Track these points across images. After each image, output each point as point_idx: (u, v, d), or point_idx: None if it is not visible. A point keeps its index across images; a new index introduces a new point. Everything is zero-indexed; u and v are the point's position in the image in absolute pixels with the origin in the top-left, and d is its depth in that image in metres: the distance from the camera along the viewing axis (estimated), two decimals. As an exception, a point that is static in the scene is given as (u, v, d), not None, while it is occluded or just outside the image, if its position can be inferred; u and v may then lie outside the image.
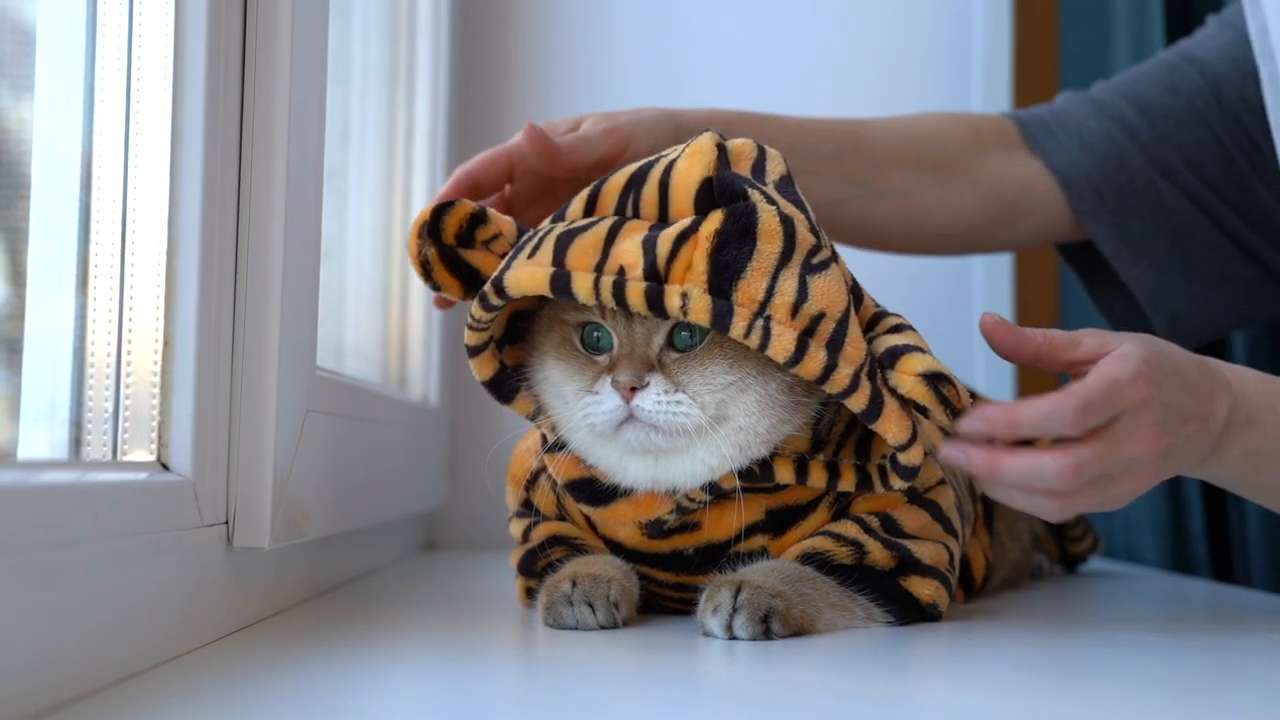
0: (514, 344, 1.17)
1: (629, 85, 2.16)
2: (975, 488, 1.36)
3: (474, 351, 1.14)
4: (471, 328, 1.12)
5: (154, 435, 0.98)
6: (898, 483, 1.10)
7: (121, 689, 0.82)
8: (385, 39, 1.86)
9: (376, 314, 1.79)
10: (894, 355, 1.05)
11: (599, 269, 1.04)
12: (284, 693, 0.85)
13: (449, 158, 1.99)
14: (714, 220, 1.03)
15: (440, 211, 1.13)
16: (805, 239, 1.05)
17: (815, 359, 1.02)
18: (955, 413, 1.03)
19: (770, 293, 1.02)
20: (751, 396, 1.07)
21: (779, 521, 1.14)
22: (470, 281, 1.15)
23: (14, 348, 0.94)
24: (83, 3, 0.99)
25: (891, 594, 1.13)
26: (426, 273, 1.14)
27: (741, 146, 1.11)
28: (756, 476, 1.10)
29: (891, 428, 1.05)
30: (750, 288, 1.02)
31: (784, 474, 1.10)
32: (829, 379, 1.03)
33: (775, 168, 1.12)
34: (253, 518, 1.06)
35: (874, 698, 0.88)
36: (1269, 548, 1.90)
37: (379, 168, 1.82)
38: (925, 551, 1.14)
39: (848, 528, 1.13)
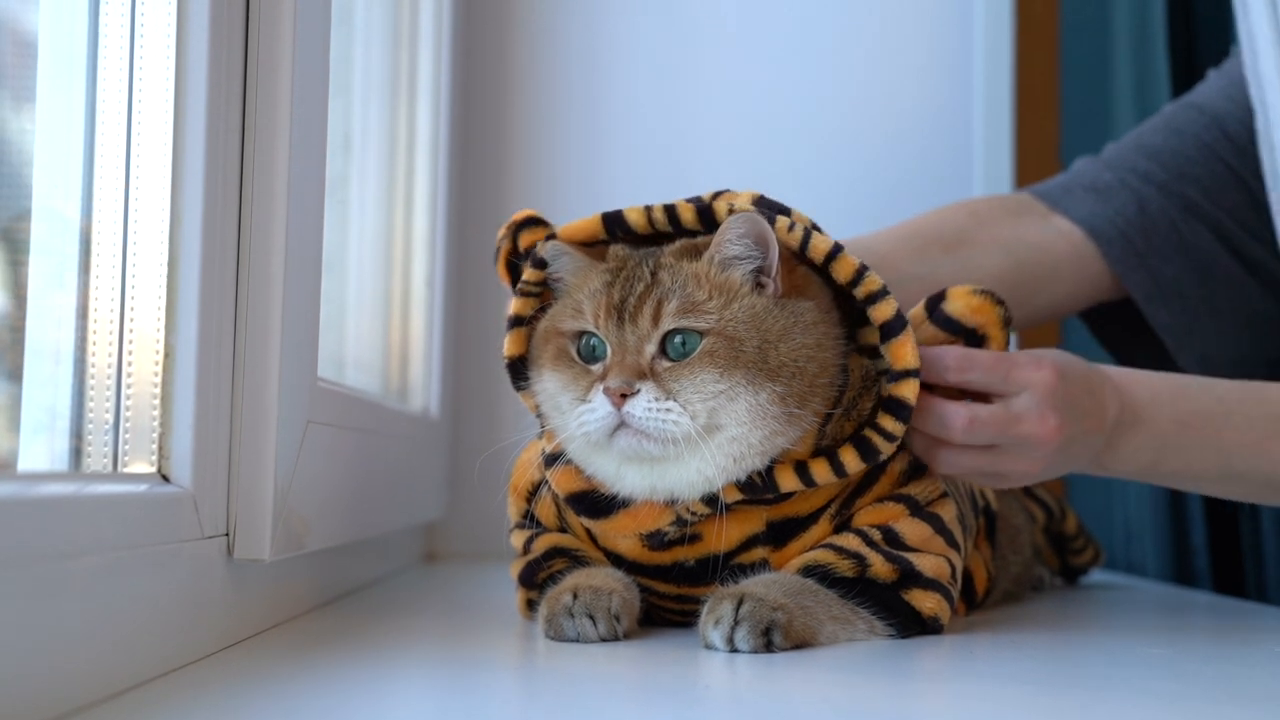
0: None
1: (630, 95, 2.16)
2: (977, 500, 1.36)
3: (515, 323, 1.17)
4: (521, 293, 1.18)
5: (154, 446, 0.98)
6: (890, 424, 1.11)
7: (121, 701, 0.82)
8: (387, 48, 1.86)
9: (378, 325, 1.79)
10: (938, 293, 1.18)
11: (648, 206, 1.15)
12: (284, 705, 0.84)
13: (450, 167, 1.99)
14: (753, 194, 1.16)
15: (526, 224, 1.22)
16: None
17: (848, 262, 1.12)
18: (1008, 322, 1.19)
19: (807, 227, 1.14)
20: (742, 405, 1.07)
21: (780, 533, 1.14)
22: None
23: (15, 358, 0.94)
24: (84, 12, 0.99)
25: (893, 607, 1.12)
26: (496, 258, 1.25)
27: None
28: (761, 488, 1.10)
29: (905, 351, 1.11)
30: (787, 221, 1.13)
31: (787, 481, 1.10)
32: (862, 281, 1.11)
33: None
34: (253, 529, 1.05)
35: (876, 711, 0.88)
36: None
37: (380, 178, 1.82)
38: (927, 564, 1.13)
39: (849, 540, 1.13)
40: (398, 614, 1.33)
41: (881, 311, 1.11)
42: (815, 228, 1.15)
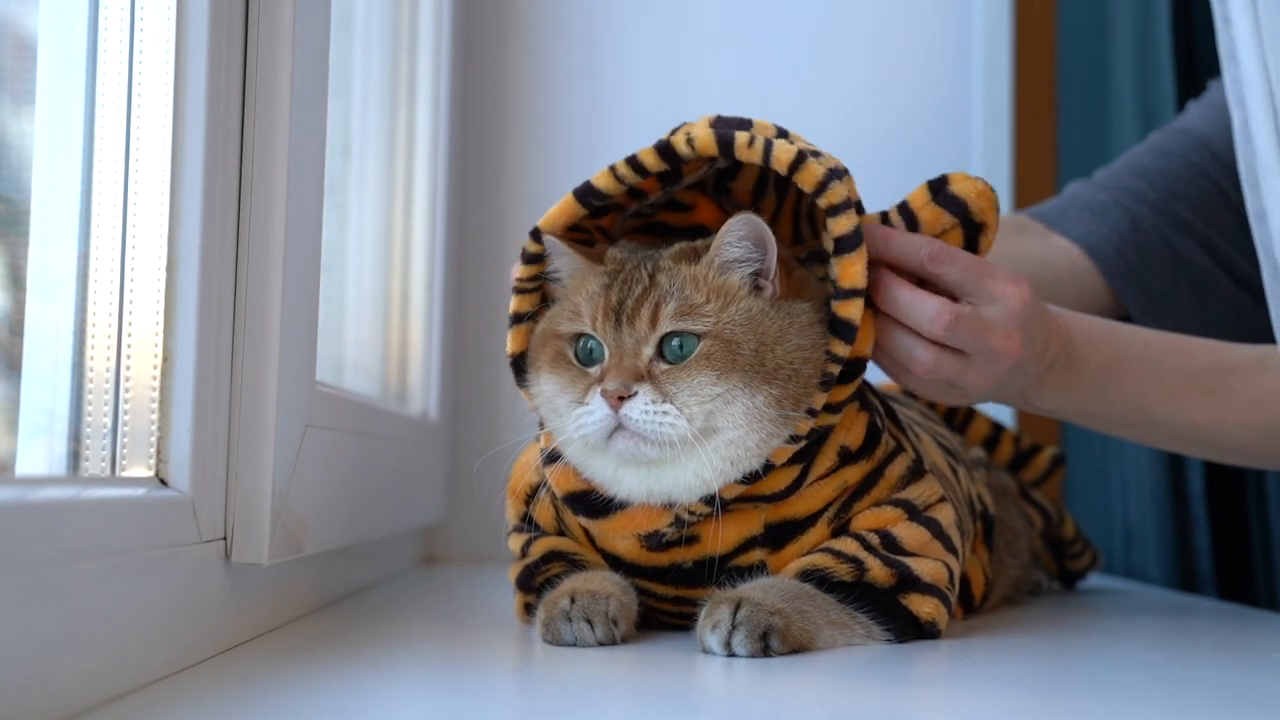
0: None
1: (630, 97, 2.16)
2: (975, 505, 1.36)
3: (515, 320, 1.17)
4: (517, 290, 1.17)
5: (153, 450, 0.98)
6: (839, 348, 1.09)
7: (120, 705, 0.82)
8: (386, 51, 1.86)
9: (377, 328, 1.79)
10: (939, 176, 1.15)
11: (612, 166, 1.14)
12: (283, 708, 0.84)
13: (450, 170, 1.99)
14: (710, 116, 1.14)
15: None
16: (800, 138, 1.14)
17: (813, 170, 1.09)
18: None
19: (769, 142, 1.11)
20: (739, 409, 1.07)
21: (777, 536, 1.14)
22: None
23: (13, 361, 0.94)
24: (84, 15, 0.99)
25: (891, 611, 1.12)
26: None
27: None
28: (760, 476, 1.10)
29: (855, 270, 1.09)
30: (747, 135, 1.11)
31: (778, 454, 1.10)
32: (825, 191, 1.09)
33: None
34: (251, 533, 1.05)
35: (873, 716, 0.88)
36: None
37: (379, 181, 1.82)
38: (925, 569, 1.13)
39: (848, 544, 1.13)
40: (396, 617, 1.33)
41: (840, 224, 1.09)
42: (783, 133, 1.14)
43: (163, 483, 0.98)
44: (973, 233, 1.16)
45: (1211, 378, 1.30)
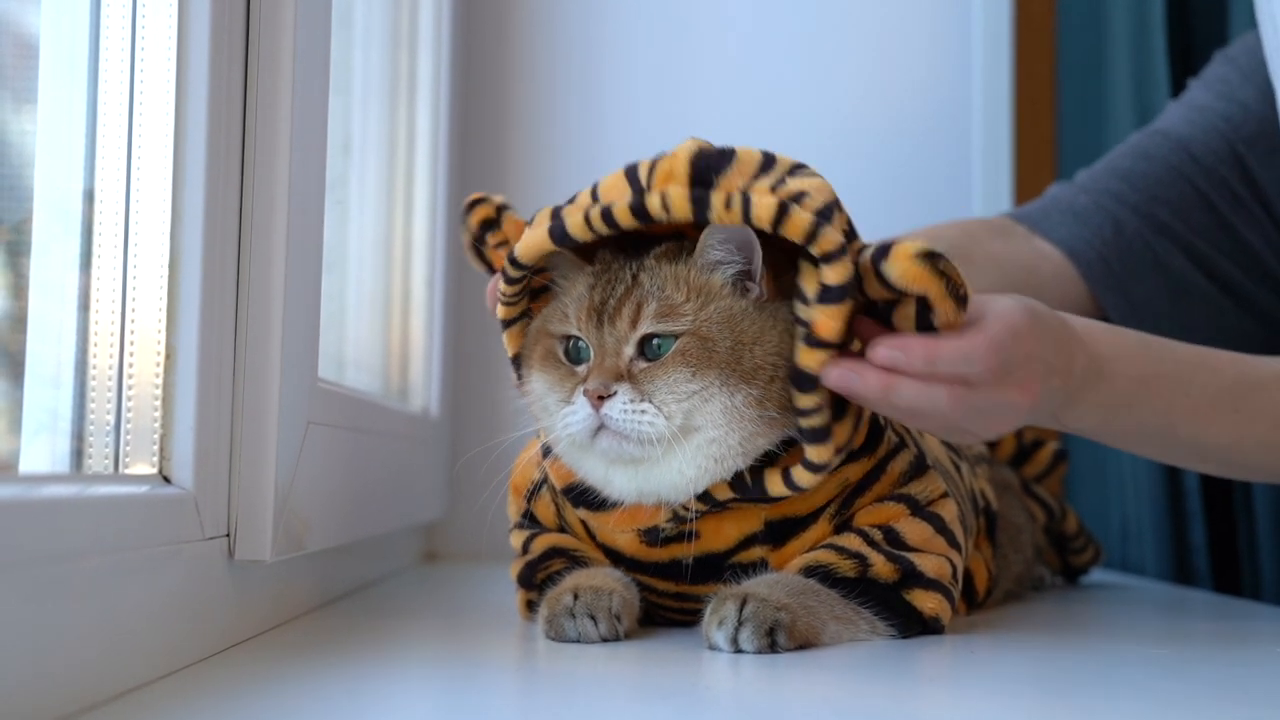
0: None
1: (629, 97, 2.16)
2: (978, 500, 1.36)
3: (506, 325, 1.18)
4: (502, 302, 1.17)
5: (155, 447, 0.98)
6: (805, 400, 1.06)
7: (122, 702, 0.82)
8: (387, 50, 1.86)
9: (378, 325, 1.79)
10: (885, 246, 1.04)
11: (588, 205, 1.08)
12: (285, 706, 0.84)
13: (450, 169, 1.99)
14: (694, 142, 1.07)
15: (472, 205, 1.19)
16: (786, 161, 1.07)
17: (800, 218, 1.02)
18: (960, 297, 1.03)
19: (749, 182, 1.05)
20: (716, 407, 1.07)
21: (778, 533, 1.14)
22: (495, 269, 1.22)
23: (16, 359, 0.94)
24: (85, 14, 0.99)
25: (894, 607, 1.12)
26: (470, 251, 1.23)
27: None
28: (749, 489, 1.10)
29: (833, 326, 1.04)
30: (729, 182, 1.04)
31: (775, 486, 1.10)
32: (817, 237, 1.02)
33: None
34: (254, 530, 1.05)
35: (877, 711, 0.88)
36: None
37: (380, 179, 1.82)
38: (928, 564, 1.13)
39: (851, 540, 1.13)
40: (398, 614, 1.34)
41: (834, 273, 1.03)
42: (766, 164, 1.07)
43: (165, 480, 0.98)
44: (927, 309, 1.05)
45: (1236, 394, 1.27)
